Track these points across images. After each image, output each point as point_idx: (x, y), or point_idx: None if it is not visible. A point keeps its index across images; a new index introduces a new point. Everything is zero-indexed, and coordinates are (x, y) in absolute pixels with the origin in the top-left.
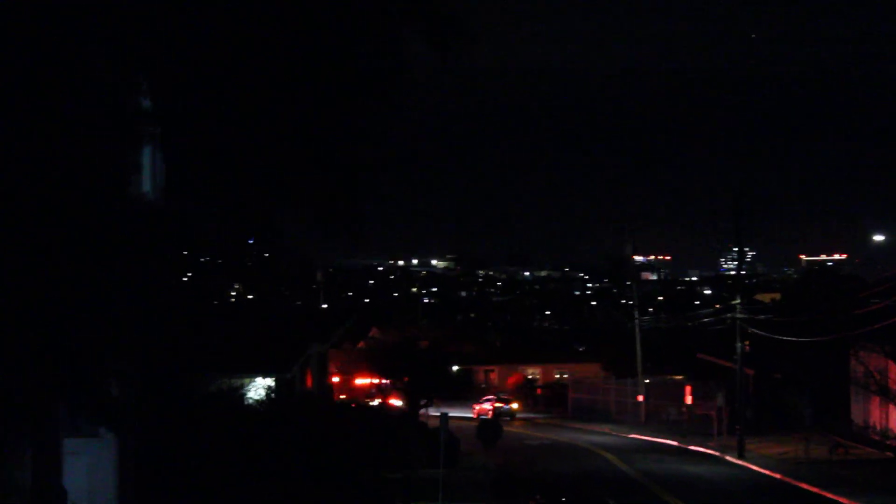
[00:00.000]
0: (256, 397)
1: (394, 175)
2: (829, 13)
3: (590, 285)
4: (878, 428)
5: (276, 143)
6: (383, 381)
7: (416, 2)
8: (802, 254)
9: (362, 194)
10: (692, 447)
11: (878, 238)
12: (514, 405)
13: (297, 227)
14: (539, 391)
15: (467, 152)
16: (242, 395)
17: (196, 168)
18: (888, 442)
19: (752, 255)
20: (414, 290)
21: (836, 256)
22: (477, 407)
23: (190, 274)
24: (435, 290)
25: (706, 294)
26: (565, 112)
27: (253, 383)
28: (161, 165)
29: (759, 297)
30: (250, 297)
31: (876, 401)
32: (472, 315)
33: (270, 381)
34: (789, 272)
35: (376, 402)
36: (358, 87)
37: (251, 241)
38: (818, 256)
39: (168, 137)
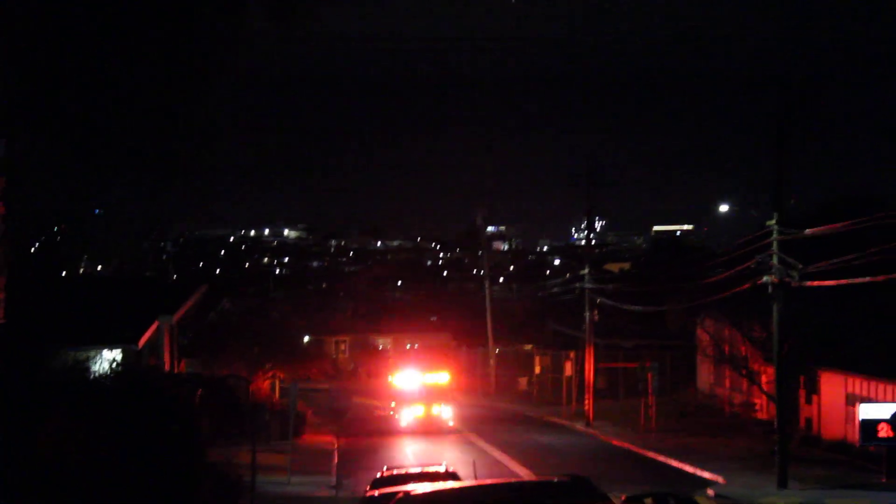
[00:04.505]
0: (101, 371)
1: (242, 142)
2: None
3: (442, 255)
4: (724, 396)
5: (115, 106)
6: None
7: None
8: (652, 224)
9: (202, 155)
10: (542, 416)
11: (723, 208)
12: None
13: (146, 197)
14: (389, 361)
15: (321, 122)
16: (88, 369)
17: (38, 134)
18: (734, 409)
19: (603, 224)
20: (266, 260)
21: (684, 227)
22: None
23: (37, 245)
24: (287, 260)
25: (556, 263)
26: (420, 83)
27: (100, 356)
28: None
29: (608, 266)
30: (99, 268)
31: (721, 369)
32: (324, 285)
33: (118, 354)
34: (639, 242)
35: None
36: (199, 47)
37: (97, 212)
38: (667, 226)
39: (6, 104)
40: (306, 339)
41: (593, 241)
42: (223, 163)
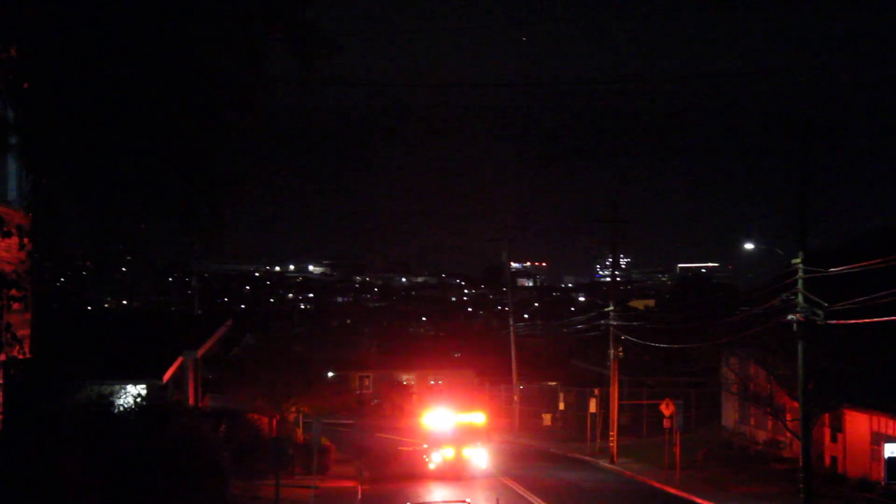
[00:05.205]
0: (126, 406)
1: (261, 181)
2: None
3: (467, 292)
4: (748, 433)
5: (136, 151)
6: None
7: (278, 11)
8: (677, 261)
9: (223, 200)
10: (566, 453)
11: (749, 247)
12: None
13: (171, 233)
14: (414, 397)
15: (347, 159)
16: (112, 404)
17: (60, 178)
18: (758, 447)
19: (628, 261)
20: (290, 295)
21: (709, 264)
22: None
23: (62, 280)
24: (311, 295)
25: (581, 300)
26: (446, 120)
27: (124, 391)
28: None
29: (633, 303)
30: (125, 302)
31: (745, 406)
32: (348, 321)
33: (142, 389)
34: (664, 279)
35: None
36: (218, 94)
37: (122, 248)
38: (692, 263)
39: (28, 148)
40: (330, 374)
41: (618, 279)
42: (249, 199)
